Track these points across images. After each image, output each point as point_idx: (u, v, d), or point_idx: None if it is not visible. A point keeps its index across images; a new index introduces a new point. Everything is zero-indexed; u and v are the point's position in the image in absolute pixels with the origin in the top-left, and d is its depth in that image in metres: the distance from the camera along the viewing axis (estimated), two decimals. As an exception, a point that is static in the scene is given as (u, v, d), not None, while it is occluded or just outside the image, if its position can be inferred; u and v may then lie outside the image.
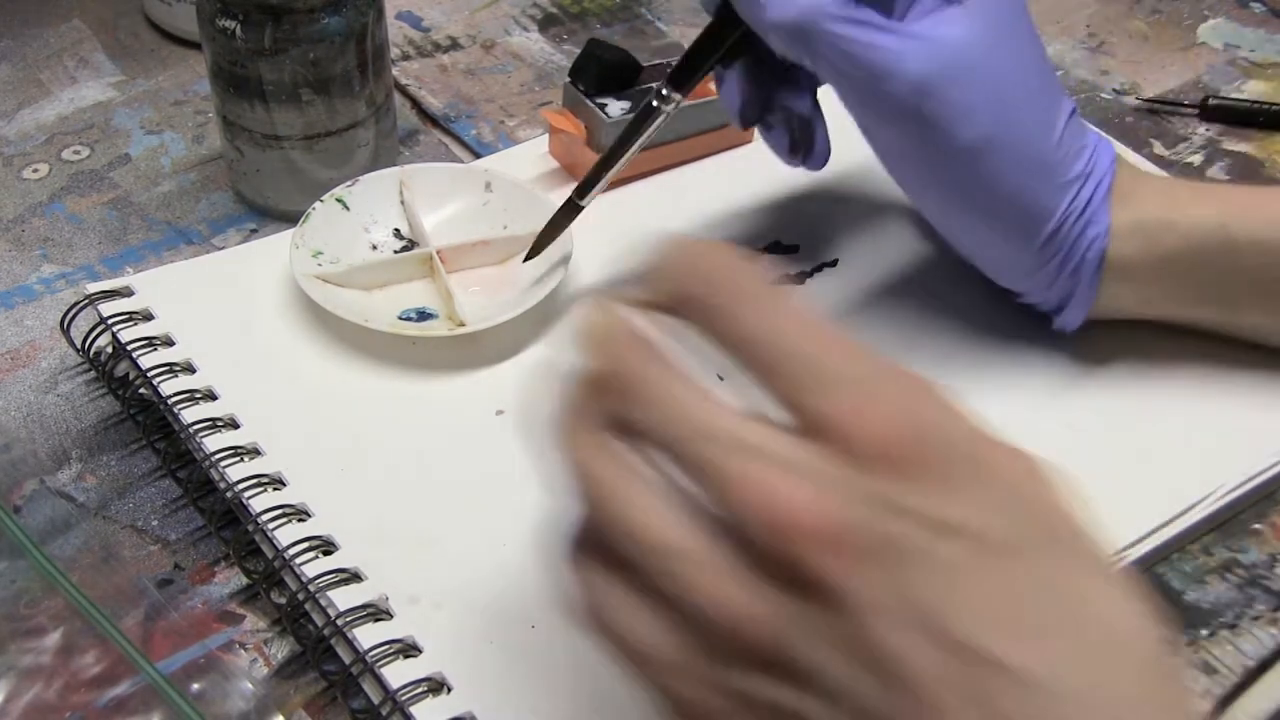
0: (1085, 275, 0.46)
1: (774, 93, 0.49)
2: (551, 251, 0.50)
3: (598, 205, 0.56)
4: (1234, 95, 0.65)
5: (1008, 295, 0.49)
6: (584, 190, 0.49)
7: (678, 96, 0.47)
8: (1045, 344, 0.50)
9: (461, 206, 0.53)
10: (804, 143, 0.50)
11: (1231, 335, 0.49)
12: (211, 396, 0.45)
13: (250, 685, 0.40)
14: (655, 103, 0.47)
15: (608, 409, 0.30)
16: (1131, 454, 0.46)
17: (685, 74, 0.47)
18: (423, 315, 0.50)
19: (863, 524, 0.27)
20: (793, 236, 0.55)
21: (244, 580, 0.43)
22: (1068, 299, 0.47)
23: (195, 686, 0.40)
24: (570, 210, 0.49)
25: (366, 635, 0.39)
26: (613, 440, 0.30)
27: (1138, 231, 0.46)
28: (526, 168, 0.57)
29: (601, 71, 0.55)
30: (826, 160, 0.50)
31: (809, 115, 0.49)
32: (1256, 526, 0.46)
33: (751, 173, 0.58)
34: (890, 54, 0.42)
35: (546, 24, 0.69)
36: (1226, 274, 0.46)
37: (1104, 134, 0.48)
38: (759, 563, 0.28)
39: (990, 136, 0.44)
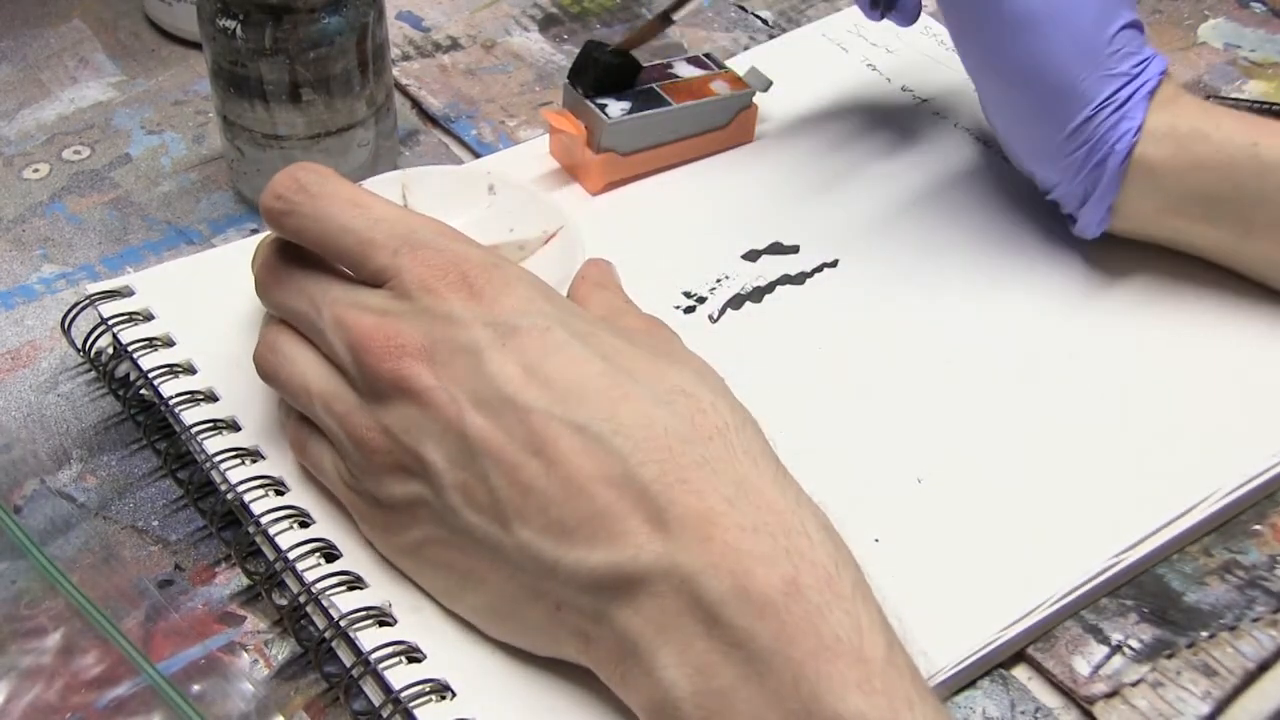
0: (1111, 169, 0.48)
1: None
2: (557, 253, 0.50)
3: (600, 206, 0.56)
4: (1234, 95, 0.65)
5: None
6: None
7: None
8: (1045, 345, 0.50)
9: (465, 210, 0.53)
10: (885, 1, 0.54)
11: (1238, 267, 0.50)
12: (212, 398, 0.45)
13: (251, 686, 0.40)
14: None
15: (275, 309, 0.42)
16: (1131, 455, 0.46)
17: None
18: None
19: (419, 333, 0.37)
20: (793, 236, 0.55)
21: (245, 581, 0.43)
22: (1090, 193, 0.49)
23: (196, 687, 0.40)
24: (663, 21, 0.55)
25: (369, 638, 0.39)
26: (284, 329, 0.41)
27: (1170, 136, 0.47)
28: (527, 168, 0.57)
29: (601, 72, 0.55)
30: (917, 16, 0.54)
31: None
32: (1257, 528, 0.46)
33: (751, 173, 0.58)
34: None
35: (547, 24, 0.69)
36: (1250, 193, 0.47)
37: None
38: (366, 388, 0.38)
39: (1048, 8, 0.46)
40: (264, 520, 0.42)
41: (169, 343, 0.47)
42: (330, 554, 0.41)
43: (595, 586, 0.35)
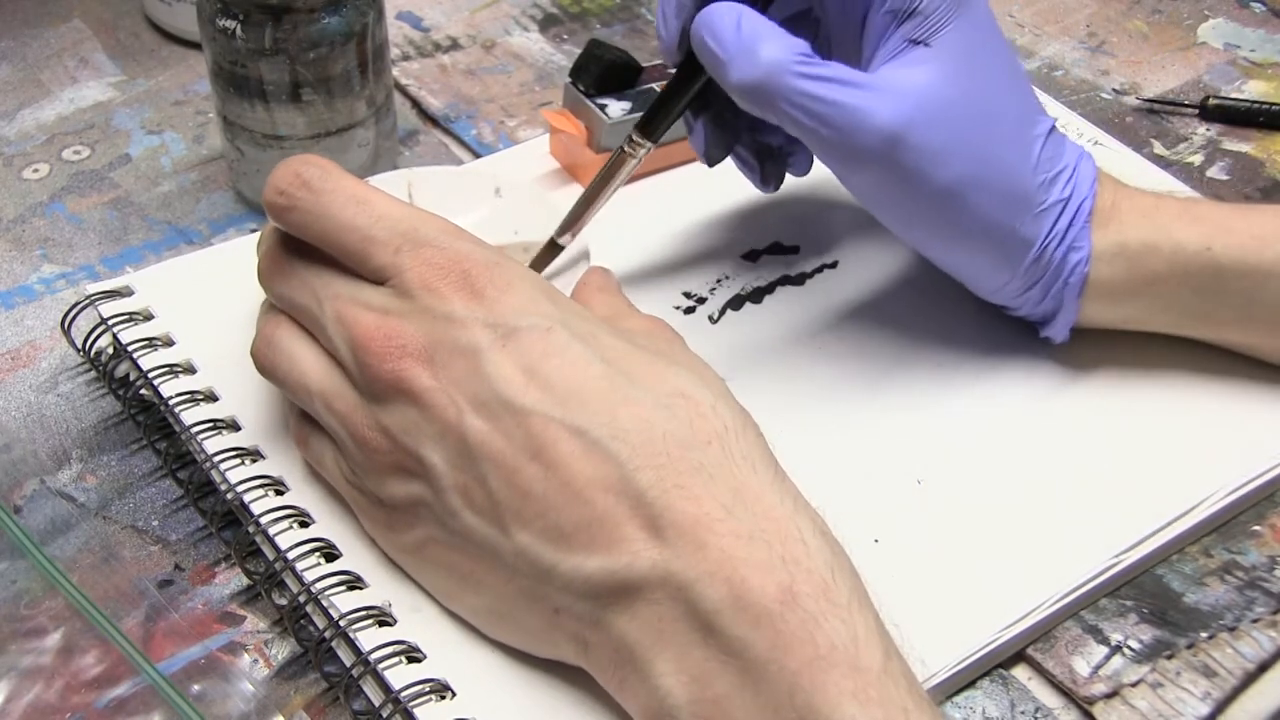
0: (1070, 297, 0.46)
1: (743, 132, 0.49)
2: (563, 256, 0.50)
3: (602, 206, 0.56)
4: (1234, 95, 0.66)
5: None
6: (564, 230, 0.48)
7: (648, 144, 0.47)
8: (1045, 346, 0.50)
9: (470, 211, 0.53)
10: (775, 174, 0.50)
11: (1220, 346, 0.49)
12: (212, 398, 0.45)
13: (250, 686, 0.40)
14: (626, 148, 0.47)
15: (276, 300, 0.41)
16: (1131, 456, 0.46)
17: (654, 123, 0.47)
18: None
19: (419, 333, 0.37)
20: (793, 237, 0.55)
21: (245, 581, 0.43)
22: (1053, 315, 0.48)
23: (195, 687, 0.40)
24: (552, 249, 0.49)
25: (369, 638, 0.39)
26: (283, 322, 0.41)
27: (1120, 254, 0.46)
28: (527, 168, 0.57)
29: (602, 72, 0.55)
30: (808, 170, 0.51)
31: (780, 146, 0.50)
32: (1256, 528, 0.46)
33: (752, 173, 0.58)
34: (858, 109, 0.42)
35: (546, 24, 0.69)
36: (1211, 296, 0.46)
37: (1099, 140, 0.47)
38: (366, 387, 0.38)
39: (965, 176, 0.43)
40: (264, 520, 0.42)
41: (169, 342, 0.47)
42: (330, 554, 0.41)
43: (592, 593, 0.35)
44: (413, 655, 0.39)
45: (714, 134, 0.48)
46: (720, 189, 0.57)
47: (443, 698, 0.38)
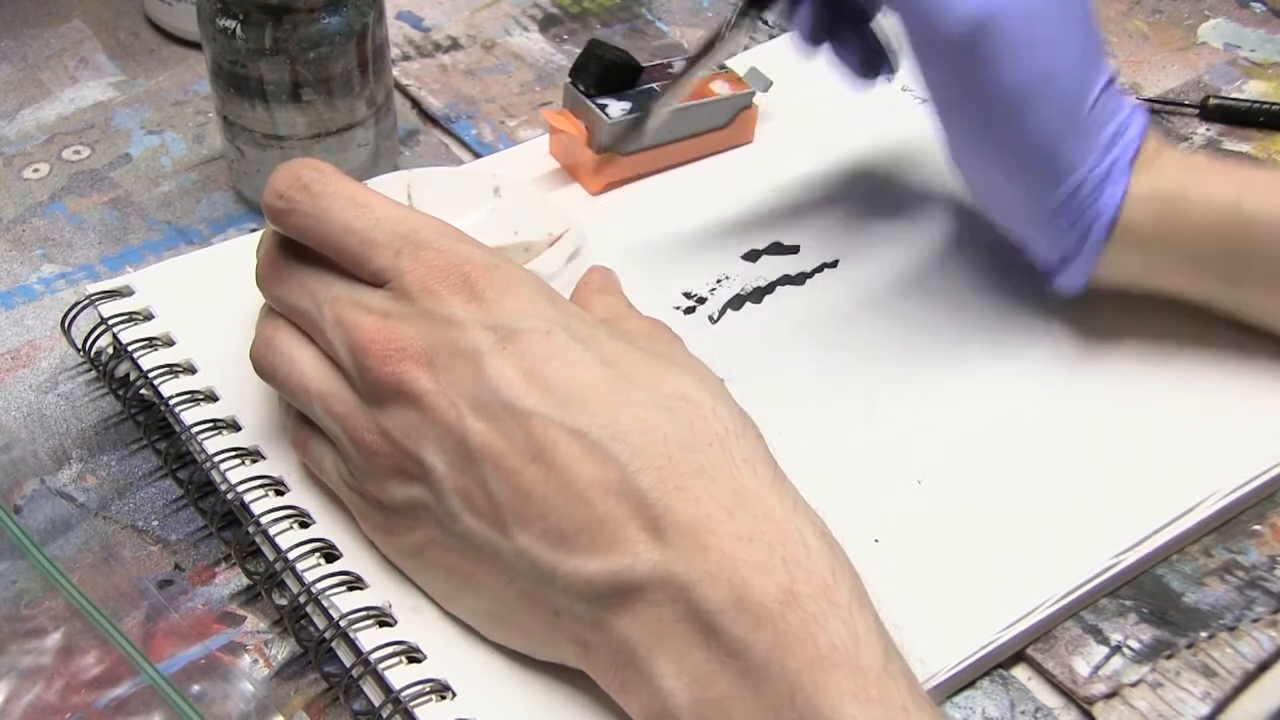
0: (1094, 236, 0.47)
1: (846, 20, 0.51)
2: (562, 255, 0.50)
3: (600, 206, 0.56)
4: (1234, 95, 0.65)
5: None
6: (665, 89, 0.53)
7: (753, 12, 0.50)
8: (1046, 345, 0.50)
9: (470, 212, 0.53)
10: (870, 68, 0.53)
11: (1234, 315, 0.49)
12: (213, 397, 0.45)
13: (250, 686, 0.40)
14: (731, 18, 0.50)
15: (275, 304, 0.41)
16: (1131, 456, 0.46)
17: None
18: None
19: (419, 335, 0.37)
20: (793, 236, 0.55)
21: (245, 581, 0.43)
22: (1071, 257, 0.48)
23: (195, 687, 0.40)
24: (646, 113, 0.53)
25: (369, 638, 0.39)
26: (282, 325, 0.41)
27: (1154, 200, 0.47)
28: (527, 168, 0.57)
29: (602, 72, 0.55)
30: (895, 71, 0.53)
31: (873, 44, 0.52)
32: (1256, 528, 0.46)
33: (751, 173, 0.58)
34: None
35: (547, 24, 0.69)
36: (1237, 251, 0.47)
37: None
38: (366, 390, 0.38)
39: (1032, 84, 0.45)
40: (264, 520, 0.42)
41: (169, 342, 0.47)
42: (330, 554, 0.41)
43: (593, 594, 0.35)
44: (413, 655, 0.39)
45: (819, 14, 0.50)
46: (720, 189, 0.57)
47: (443, 698, 0.38)
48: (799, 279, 0.53)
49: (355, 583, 0.40)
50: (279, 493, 0.43)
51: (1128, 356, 0.50)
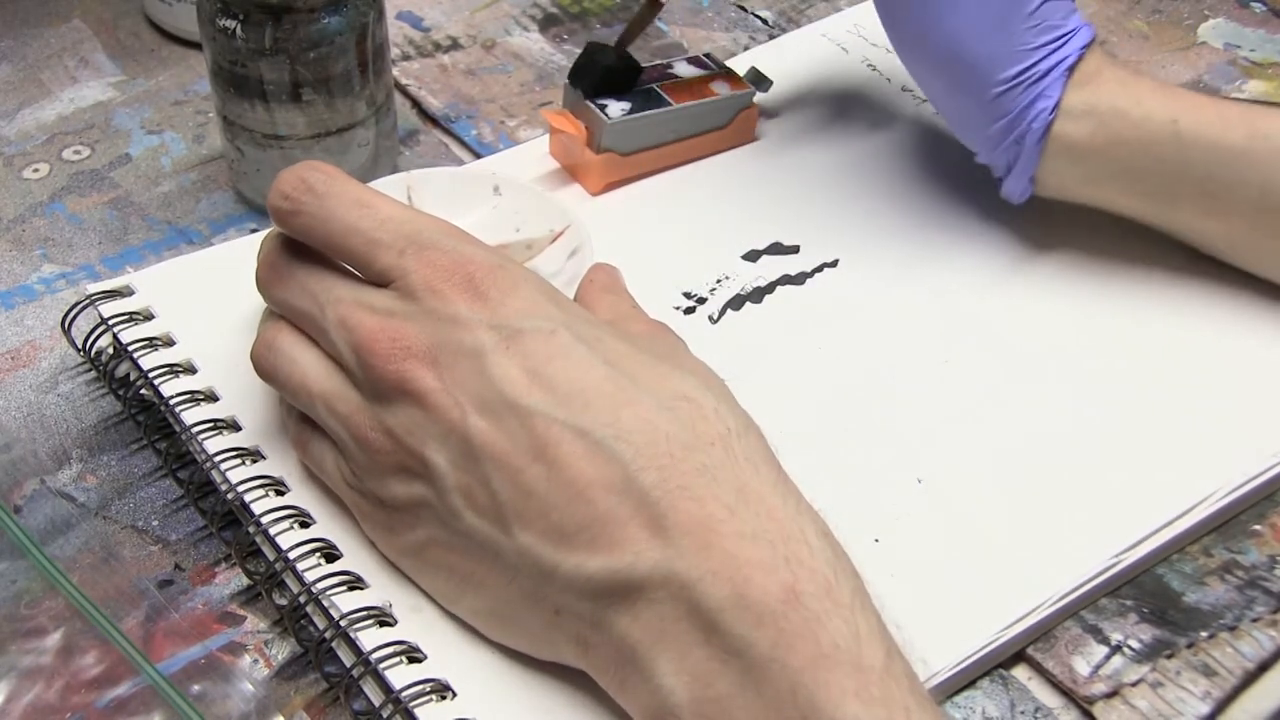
0: (1029, 145, 0.49)
1: None
2: (565, 251, 0.50)
3: (600, 206, 0.56)
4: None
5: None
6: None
7: None
8: (1047, 344, 0.50)
9: (471, 211, 0.53)
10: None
11: (1170, 234, 0.51)
12: (213, 398, 0.45)
13: (251, 686, 0.40)
14: None
15: (276, 307, 0.41)
16: (1131, 455, 0.46)
17: None
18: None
19: (423, 334, 0.37)
20: (793, 236, 0.55)
21: (245, 581, 0.43)
22: (1012, 165, 0.50)
23: (195, 687, 0.40)
24: (653, 6, 0.55)
25: (369, 638, 0.39)
26: (283, 327, 0.41)
27: (1089, 114, 0.48)
28: (527, 168, 0.57)
29: (601, 72, 0.55)
30: None
31: None
32: (1256, 528, 0.46)
33: (751, 173, 0.58)
34: None
35: (547, 24, 0.69)
36: (1171, 169, 0.48)
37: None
38: (370, 388, 0.38)
39: None
40: (264, 520, 0.42)
41: (169, 342, 0.47)
42: (330, 554, 0.41)
43: (594, 592, 0.35)
44: (413, 655, 0.39)
45: None
46: (720, 189, 0.57)
47: (443, 698, 0.38)
48: (799, 279, 0.53)
49: (355, 583, 0.40)
50: (279, 493, 0.43)
51: (1129, 356, 0.50)
